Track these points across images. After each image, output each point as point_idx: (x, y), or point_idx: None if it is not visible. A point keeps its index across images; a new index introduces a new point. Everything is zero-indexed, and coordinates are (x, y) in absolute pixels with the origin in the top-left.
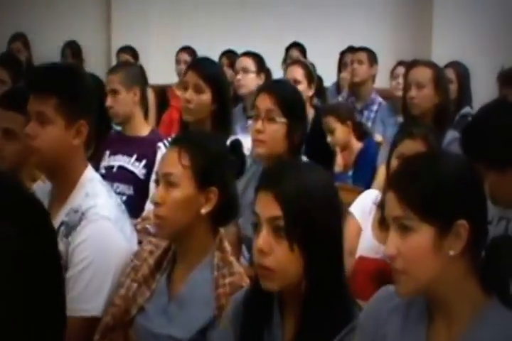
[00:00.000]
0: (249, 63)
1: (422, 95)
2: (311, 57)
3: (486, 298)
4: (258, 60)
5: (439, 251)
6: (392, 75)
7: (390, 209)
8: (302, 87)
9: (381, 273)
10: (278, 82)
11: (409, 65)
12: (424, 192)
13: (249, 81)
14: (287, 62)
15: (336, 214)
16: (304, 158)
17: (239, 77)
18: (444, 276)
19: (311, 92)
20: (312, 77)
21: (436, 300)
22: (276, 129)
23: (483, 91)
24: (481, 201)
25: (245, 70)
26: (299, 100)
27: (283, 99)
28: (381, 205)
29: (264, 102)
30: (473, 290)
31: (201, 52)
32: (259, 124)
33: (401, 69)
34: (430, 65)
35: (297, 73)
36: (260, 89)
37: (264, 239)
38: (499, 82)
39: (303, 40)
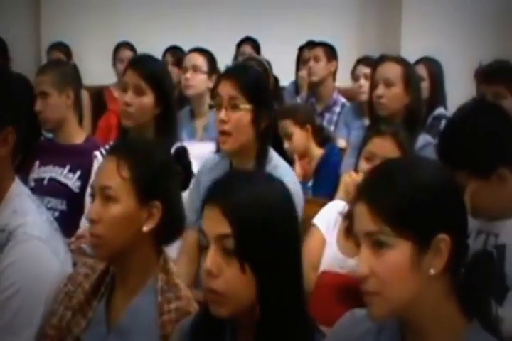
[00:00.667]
0: (200, 61)
1: (391, 94)
2: (268, 54)
3: (465, 321)
4: (210, 58)
5: (417, 269)
6: (353, 76)
7: (361, 223)
8: None
9: (346, 288)
10: (239, 66)
11: (377, 61)
12: (401, 203)
13: (199, 82)
14: (238, 58)
15: (293, 229)
16: (274, 154)
17: (188, 75)
18: (422, 297)
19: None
20: (268, 75)
21: (411, 323)
22: (241, 117)
23: (459, 90)
24: (461, 212)
25: (195, 69)
26: (264, 84)
27: (246, 84)
28: (348, 216)
29: (226, 89)
30: (452, 313)
31: (142, 49)
32: (222, 114)
33: (363, 69)
34: (400, 60)
35: None
36: (221, 76)
37: (212, 259)
38: (476, 79)
39: (259, 36)
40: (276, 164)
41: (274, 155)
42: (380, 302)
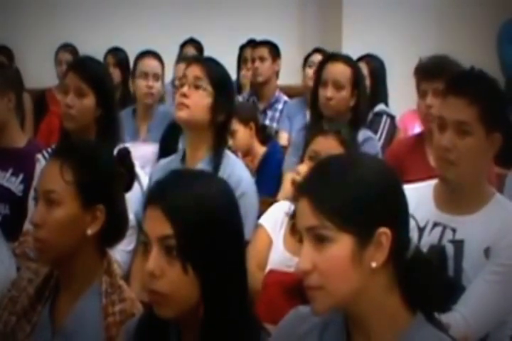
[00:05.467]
0: (159, 69)
1: (341, 97)
2: (211, 55)
3: (408, 314)
4: (162, 63)
5: (359, 263)
6: (307, 63)
7: (302, 218)
8: None
9: (293, 286)
10: (207, 58)
11: (327, 58)
12: (342, 197)
13: (159, 89)
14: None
15: (237, 228)
16: (229, 153)
17: (151, 83)
18: (364, 291)
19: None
20: None
21: (356, 318)
22: (201, 96)
23: (400, 87)
24: (402, 206)
25: (157, 77)
26: (227, 76)
27: (212, 70)
28: (294, 215)
29: (194, 70)
30: (395, 306)
31: (84, 51)
32: (185, 88)
33: (318, 57)
34: (350, 62)
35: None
36: (190, 61)
37: (154, 260)
38: (417, 76)
39: (202, 37)
40: (234, 159)
41: (228, 152)
42: (323, 296)
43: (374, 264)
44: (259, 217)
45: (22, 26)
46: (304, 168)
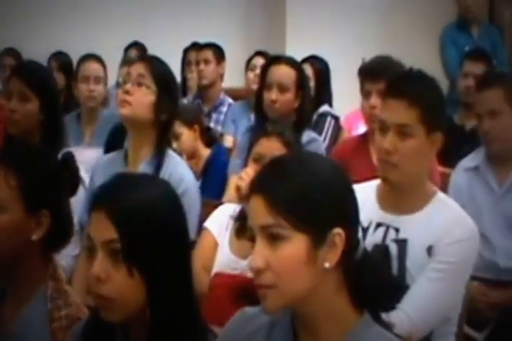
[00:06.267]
0: (101, 72)
1: (285, 99)
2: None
3: (356, 314)
4: (104, 67)
5: (313, 262)
6: (249, 67)
7: (257, 216)
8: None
9: (239, 289)
10: (151, 56)
11: (271, 61)
12: (298, 196)
13: (101, 92)
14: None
15: (181, 231)
16: (171, 152)
17: (92, 87)
18: (315, 291)
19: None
20: None
21: (304, 318)
22: (144, 94)
23: (344, 88)
24: (354, 207)
25: (98, 80)
26: (171, 75)
27: (155, 68)
28: (239, 218)
29: (137, 68)
30: (343, 307)
31: (27, 55)
32: (128, 85)
33: (259, 60)
34: (294, 64)
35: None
36: (136, 59)
37: (99, 265)
38: (360, 77)
39: (146, 39)
40: (176, 159)
41: (171, 153)
42: (274, 295)
43: (327, 264)
44: (204, 219)
45: None
46: (248, 172)
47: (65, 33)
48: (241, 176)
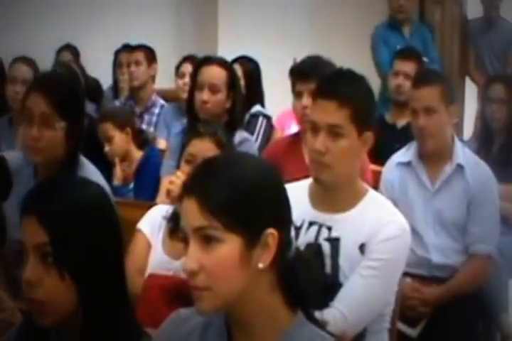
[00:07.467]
0: (29, 74)
1: (217, 100)
2: (89, 59)
3: (290, 313)
4: (36, 69)
5: (247, 263)
6: (178, 74)
7: (190, 218)
8: None
9: (173, 289)
10: (51, 76)
11: (201, 62)
12: (230, 197)
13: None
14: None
15: (113, 234)
16: (85, 161)
17: (18, 89)
18: (249, 291)
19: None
20: (79, 83)
21: (238, 318)
22: (55, 135)
23: (275, 87)
24: (286, 207)
25: (25, 83)
26: (77, 96)
27: (60, 100)
28: (172, 218)
29: (38, 105)
30: (277, 306)
31: None
32: (34, 131)
33: (188, 67)
34: (225, 65)
35: None
36: (31, 88)
37: (31, 269)
38: (292, 77)
39: (76, 40)
40: (89, 167)
41: (85, 162)
42: (209, 297)
43: (261, 265)
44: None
45: None
46: (179, 176)
47: None
48: (172, 180)
